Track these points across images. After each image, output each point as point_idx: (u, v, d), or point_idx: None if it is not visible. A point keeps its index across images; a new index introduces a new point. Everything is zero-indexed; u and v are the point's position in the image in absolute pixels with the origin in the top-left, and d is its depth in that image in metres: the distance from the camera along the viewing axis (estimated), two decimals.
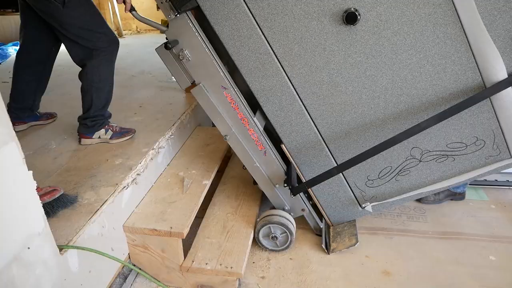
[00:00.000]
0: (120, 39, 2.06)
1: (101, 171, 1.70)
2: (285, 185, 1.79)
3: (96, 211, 1.43)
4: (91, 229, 1.38)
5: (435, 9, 1.36)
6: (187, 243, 1.71)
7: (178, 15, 1.48)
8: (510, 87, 1.42)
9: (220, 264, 1.60)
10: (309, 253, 1.86)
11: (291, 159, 1.77)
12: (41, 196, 1.16)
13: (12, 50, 4.30)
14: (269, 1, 1.43)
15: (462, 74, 1.46)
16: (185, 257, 1.65)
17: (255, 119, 1.69)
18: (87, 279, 1.36)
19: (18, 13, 1.97)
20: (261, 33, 1.49)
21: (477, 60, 1.42)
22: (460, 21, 1.37)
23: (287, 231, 1.81)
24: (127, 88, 3.05)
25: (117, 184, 1.59)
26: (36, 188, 1.07)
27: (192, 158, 2.18)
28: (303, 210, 1.89)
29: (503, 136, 1.57)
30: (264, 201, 2.17)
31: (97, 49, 1.83)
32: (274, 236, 1.82)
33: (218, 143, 2.37)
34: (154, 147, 1.93)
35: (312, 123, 1.66)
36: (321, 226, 1.95)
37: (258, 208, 2.02)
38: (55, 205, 1.40)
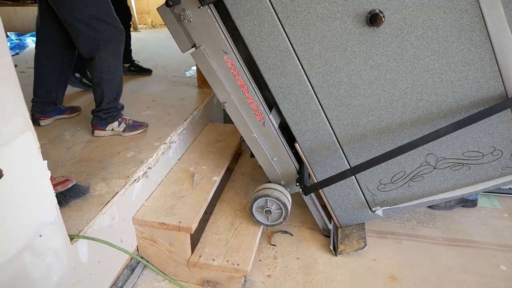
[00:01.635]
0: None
1: (113, 163, 1.72)
2: (297, 184, 1.78)
3: (107, 202, 1.45)
4: (102, 220, 1.40)
5: (462, 15, 1.34)
6: (195, 238, 1.72)
7: (201, 7, 1.47)
8: None
9: (227, 261, 1.61)
10: (317, 253, 1.85)
11: (304, 158, 1.76)
12: (54, 186, 1.17)
13: (30, 41, 4.36)
14: None
15: (485, 83, 1.43)
16: (192, 252, 1.66)
17: (254, 87, 1.65)
18: (95, 270, 1.38)
19: (36, 4, 1.99)
20: (282, 30, 1.48)
21: (501, 69, 1.39)
22: (487, 29, 1.34)
23: (282, 208, 1.77)
24: (141, 82, 3.07)
25: (128, 176, 1.61)
26: (49, 177, 1.09)
27: (203, 153, 2.18)
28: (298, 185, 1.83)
29: None
30: None
31: (104, 39, 1.84)
32: (269, 210, 1.77)
33: (229, 140, 2.37)
34: (166, 141, 1.95)
35: (328, 123, 1.64)
36: (330, 227, 1.95)
37: None
38: (67, 195, 1.42)
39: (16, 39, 4.35)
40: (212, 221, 1.87)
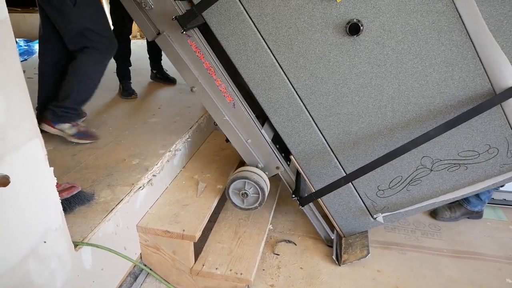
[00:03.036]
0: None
1: (118, 170, 1.73)
2: (293, 196, 1.79)
3: (112, 209, 1.45)
4: (106, 227, 1.40)
5: (439, 16, 1.36)
6: (198, 246, 1.72)
7: (184, 33, 1.53)
8: None
9: (230, 270, 1.60)
10: (320, 263, 1.84)
11: (300, 169, 1.78)
12: (59, 192, 1.18)
13: None
14: (274, 15, 1.47)
15: (470, 81, 1.44)
16: (195, 261, 1.66)
17: (221, 68, 1.64)
18: (99, 277, 1.38)
19: None
20: (266, 47, 1.53)
21: (485, 66, 1.40)
22: (466, 28, 1.36)
23: (260, 192, 1.74)
24: (147, 89, 3.10)
25: (133, 184, 1.61)
26: (55, 184, 1.10)
27: (208, 161, 2.19)
28: (277, 168, 1.80)
29: None
30: (277, 208, 2.17)
31: (93, 47, 1.86)
32: (246, 193, 1.75)
33: (233, 148, 2.36)
34: (171, 149, 1.95)
35: (319, 133, 1.67)
36: (332, 237, 1.94)
37: (271, 215, 2.01)
38: (72, 201, 1.43)
39: (25, 45, 4.40)
40: (215, 229, 1.87)
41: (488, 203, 2.23)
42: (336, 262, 1.83)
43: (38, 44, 2.05)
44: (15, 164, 0.93)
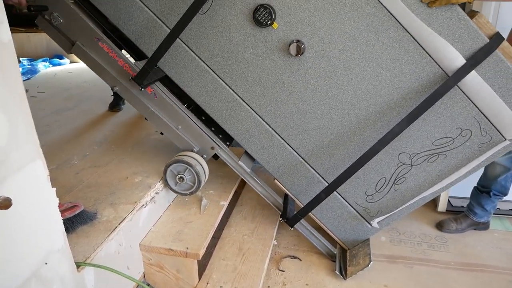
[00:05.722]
0: None
1: (121, 188, 1.72)
2: (281, 219, 1.82)
3: (115, 228, 1.44)
4: (109, 246, 1.39)
5: (371, 19, 1.42)
6: (202, 264, 1.69)
7: (143, 89, 1.65)
8: (473, 70, 1.40)
9: None
10: (326, 279, 1.81)
11: (287, 192, 1.82)
12: (62, 212, 1.17)
13: (42, 66, 4.46)
14: (223, 54, 1.61)
15: (421, 71, 1.47)
16: (200, 279, 1.64)
17: (136, 63, 1.70)
18: None
19: None
20: (224, 84, 1.67)
21: (430, 53, 1.43)
22: (400, 23, 1.41)
23: (196, 184, 1.76)
24: None
25: (136, 202, 1.61)
26: (58, 204, 1.09)
27: (210, 177, 2.17)
28: (212, 148, 1.81)
29: (488, 120, 1.50)
30: (281, 223, 2.15)
31: None
32: (182, 178, 1.75)
33: None
34: None
35: (295, 153, 1.73)
36: (335, 252, 1.91)
37: (275, 230, 1.99)
38: (74, 221, 1.42)
39: (28, 64, 4.45)
40: (219, 246, 1.85)
41: (494, 214, 2.21)
42: (341, 276, 1.80)
43: None
44: (17, 185, 0.92)
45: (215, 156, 1.87)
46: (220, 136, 1.86)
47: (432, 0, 1.33)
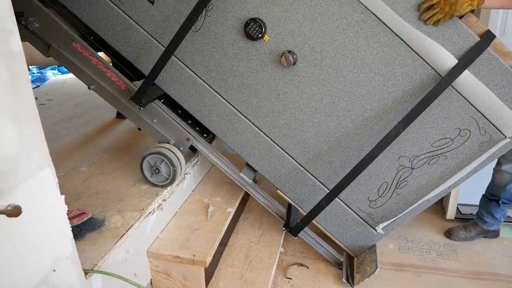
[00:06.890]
0: None
1: (129, 195, 1.73)
2: (284, 228, 1.82)
3: (122, 235, 1.44)
4: (116, 253, 1.39)
5: (360, 25, 1.43)
6: (209, 271, 1.69)
7: (142, 108, 1.70)
8: (466, 69, 1.38)
9: None
10: (334, 287, 1.80)
11: (290, 201, 1.81)
12: (70, 219, 1.18)
13: (51, 74, 4.52)
14: (218, 69, 1.65)
15: (413, 73, 1.46)
16: (206, 286, 1.63)
17: (109, 62, 1.76)
18: None
19: None
20: (221, 98, 1.71)
21: (421, 55, 1.43)
22: (389, 28, 1.41)
23: (170, 178, 1.77)
24: None
25: (143, 209, 1.61)
26: (66, 211, 1.10)
27: (217, 184, 2.18)
28: (188, 139, 1.82)
29: (486, 118, 1.47)
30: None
31: None
32: (157, 169, 1.75)
33: None
34: None
35: (295, 162, 1.73)
36: (341, 260, 1.90)
37: (282, 237, 1.99)
38: (83, 228, 1.43)
39: (37, 72, 4.51)
40: (226, 253, 1.85)
41: (504, 221, 2.17)
42: (348, 284, 1.79)
43: None
44: (26, 193, 0.93)
45: (193, 149, 1.89)
46: (197, 128, 1.89)
47: (437, 20, 1.33)
